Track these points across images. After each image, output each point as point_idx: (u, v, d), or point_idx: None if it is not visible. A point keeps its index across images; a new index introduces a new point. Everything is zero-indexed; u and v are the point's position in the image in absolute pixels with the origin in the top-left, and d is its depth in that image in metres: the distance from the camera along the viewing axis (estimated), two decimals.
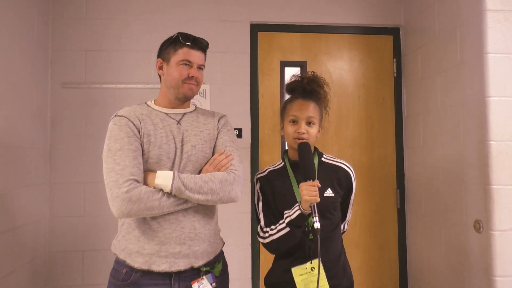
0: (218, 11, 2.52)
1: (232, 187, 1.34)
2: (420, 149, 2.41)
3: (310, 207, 1.24)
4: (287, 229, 1.33)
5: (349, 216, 1.58)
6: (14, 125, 1.96)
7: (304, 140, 1.38)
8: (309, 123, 1.40)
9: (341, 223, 1.56)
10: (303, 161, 1.33)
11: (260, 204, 1.47)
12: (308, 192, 1.25)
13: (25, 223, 2.04)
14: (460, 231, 1.98)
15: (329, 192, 1.42)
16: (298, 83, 1.47)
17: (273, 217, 1.44)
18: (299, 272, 1.35)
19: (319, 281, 1.26)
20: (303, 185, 1.29)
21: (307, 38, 2.61)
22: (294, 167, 1.46)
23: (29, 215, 2.09)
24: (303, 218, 1.30)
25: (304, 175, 1.31)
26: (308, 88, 1.44)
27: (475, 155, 1.85)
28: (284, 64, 2.59)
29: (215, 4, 2.51)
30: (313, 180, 1.29)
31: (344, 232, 1.60)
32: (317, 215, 1.22)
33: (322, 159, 1.50)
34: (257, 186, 1.50)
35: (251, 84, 2.53)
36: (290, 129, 1.42)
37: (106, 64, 2.41)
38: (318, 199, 1.25)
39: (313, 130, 1.41)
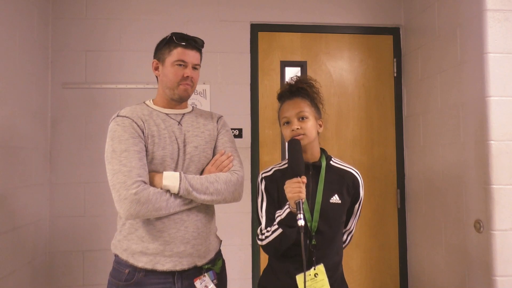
0: (218, 11, 2.52)
1: (236, 187, 1.37)
2: (420, 149, 2.41)
3: (296, 204, 1.22)
4: (280, 229, 1.29)
5: (352, 226, 1.50)
6: (14, 125, 1.96)
7: (300, 136, 1.35)
8: (301, 118, 1.36)
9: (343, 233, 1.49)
10: (291, 157, 1.30)
11: (264, 204, 1.41)
12: (291, 189, 1.23)
13: (25, 223, 2.04)
14: (460, 230, 1.98)
15: (335, 199, 1.37)
16: (284, 88, 1.46)
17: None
18: (303, 279, 1.32)
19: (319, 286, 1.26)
20: (287, 182, 1.27)
21: (307, 38, 2.61)
22: None
23: (29, 215, 2.09)
24: (294, 217, 1.25)
25: (291, 171, 1.28)
26: (293, 89, 1.42)
27: (475, 155, 1.85)
28: (284, 64, 2.59)
29: (215, 4, 2.51)
30: (300, 176, 1.26)
31: (345, 244, 1.51)
32: (302, 212, 1.19)
33: (331, 162, 1.45)
34: (262, 186, 1.44)
35: (251, 84, 2.53)
36: (286, 131, 1.39)
37: (106, 64, 2.41)
38: (302, 196, 1.21)
39: (308, 124, 1.36)
